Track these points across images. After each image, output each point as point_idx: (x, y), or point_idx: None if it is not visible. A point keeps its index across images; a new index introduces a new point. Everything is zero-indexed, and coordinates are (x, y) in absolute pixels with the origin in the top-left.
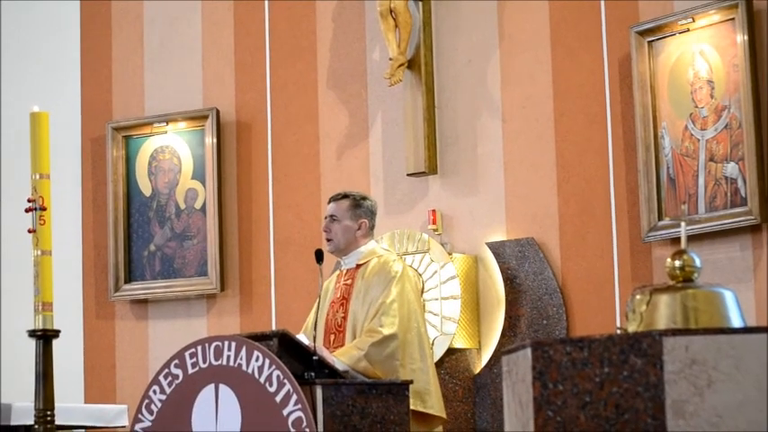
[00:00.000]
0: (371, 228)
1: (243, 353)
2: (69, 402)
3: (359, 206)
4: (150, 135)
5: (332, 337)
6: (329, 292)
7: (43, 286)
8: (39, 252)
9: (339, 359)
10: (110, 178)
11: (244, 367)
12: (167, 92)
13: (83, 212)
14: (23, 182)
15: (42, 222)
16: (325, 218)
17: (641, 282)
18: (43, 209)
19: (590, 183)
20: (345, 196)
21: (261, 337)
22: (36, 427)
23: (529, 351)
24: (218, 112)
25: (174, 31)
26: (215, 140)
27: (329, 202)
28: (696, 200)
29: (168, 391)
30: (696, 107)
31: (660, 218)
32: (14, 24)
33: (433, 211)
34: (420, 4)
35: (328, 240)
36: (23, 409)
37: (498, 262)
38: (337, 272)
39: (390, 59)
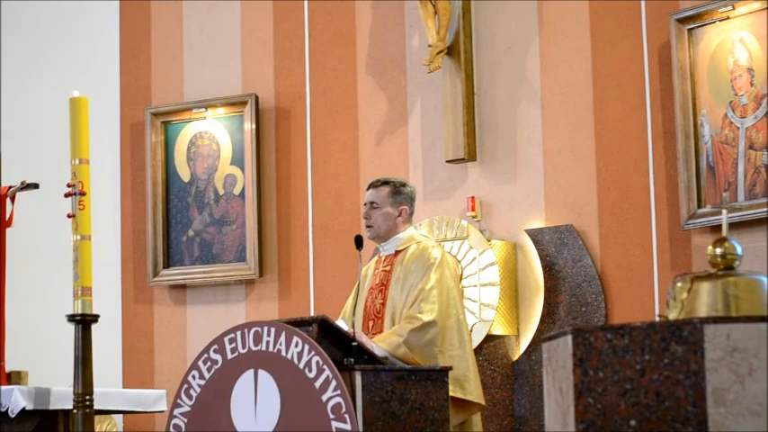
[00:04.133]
0: (411, 214)
1: (282, 338)
2: (108, 387)
3: (399, 193)
4: (189, 121)
5: (371, 323)
6: (367, 278)
7: (82, 271)
8: (78, 237)
9: (378, 345)
10: (149, 164)
11: (283, 353)
12: (206, 77)
13: (122, 198)
14: (63, 167)
15: (82, 207)
16: (365, 204)
17: (680, 270)
18: (83, 194)
19: (629, 170)
20: (385, 183)
21: (300, 323)
22: (75, 411)
23: (570, 338)
24: (257, 98)
25: (213, 16)
26: (254, 126)
27: (368, 188)
28: (736, 188)
29: (207, 376)
30: (736, 95)
31: (699, 206)
32: (54, 10)
33: (472, 197)
34: None
35: (368, 227)
36: (62, 394)
37: (537, 249)
38: (375, 258)
39: (429, 46)
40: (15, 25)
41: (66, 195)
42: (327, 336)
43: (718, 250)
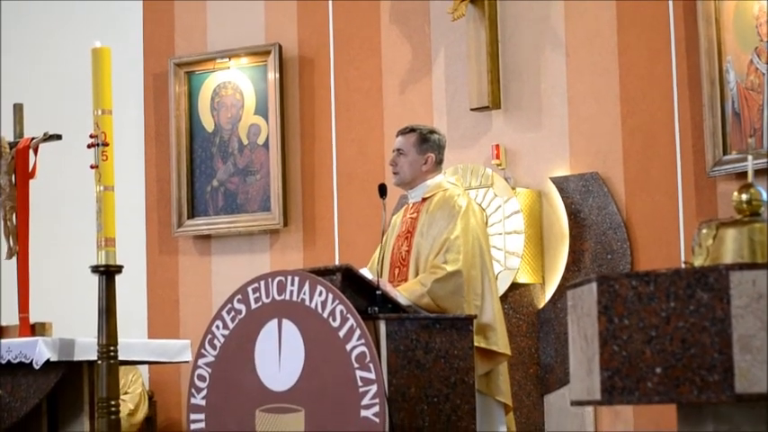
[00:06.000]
0: (439, 162)
1: (306, 288)
2: (132, 338)
3: (426, 140)
4: (213, 71)
5: (396, 270)
6: (396, 226)
7: (106, 222)
8: (101, 188)
9: (402, 294)
10: (172, 114)
11: (307, 302)
12: (230, 27)
13: (145, 148)
14: (86, 118)
15: (105, 158)
16: (393, 151)
17: (706, 216)
18: (105, 144)
19: (654, 117)
20: (413, 130)
21: (324, 272)
22: (99, 362)
23: (594, 285)
24: (280, 47)
25: None
26: (278, 76)
27: (397, 135)
28: (762, 134)
29: (231, 326)
30: (761, 41)
31: (725, 152)
32: None
33: (497, 145)
34: None
35: (395, 174)
36: (87, 345)
37: (562, 197)
38: (405, 206)
39: None
40: None
41: (89, 146)
42: (351, 285)
43: (744, 196)
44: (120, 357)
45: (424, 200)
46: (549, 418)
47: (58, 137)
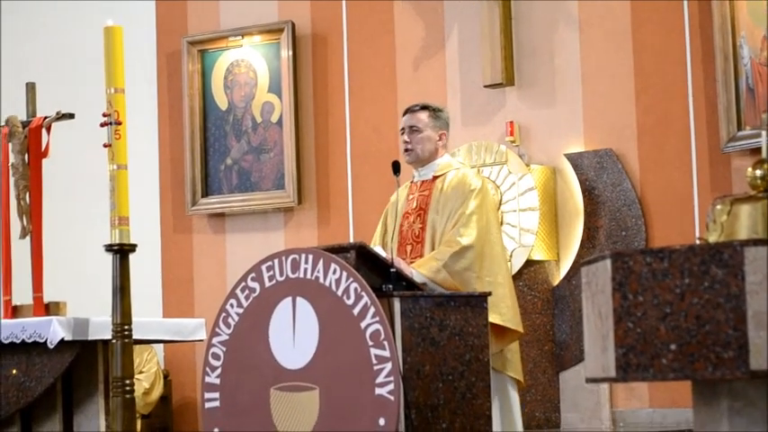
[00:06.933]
0: (447, 139)
1: (320, 265)
2: (147, 317)
3: (438, 117)
4: (226, 49)
5: (408, 247)
6: (399, 204)
7: (119, 201)
8: (114, 167)
9: (418, 271)
10: (185, 92)
11: (321, 280)
12: (242, 5)
13: (159, 127)
14: (99, 97)
15: (118, 137)
16: (402, 129)
17: (720, 192)
18: (118, 123)
19: (668, 93)
20: (424, 107)
21: (338, 250)
22: (113, 341)
23: (608, 262)
24: (293, 24)
25: None
26: (291, 53)
27: (405, 113)
28: None
29: (245, 304)
30: None
31: (740, 128)
32: None
33: (511, 122)
34: None
35: (408, 151)
36: (101, 324)
37: (576, 173)
38: (408, 184)
39: None
40: None
41: (102, 125)
42: (365, 262)
43: (758, 172)
44: (135, 336)
45: (434, 178)
46: (564, 395)
47: (71, 116)
